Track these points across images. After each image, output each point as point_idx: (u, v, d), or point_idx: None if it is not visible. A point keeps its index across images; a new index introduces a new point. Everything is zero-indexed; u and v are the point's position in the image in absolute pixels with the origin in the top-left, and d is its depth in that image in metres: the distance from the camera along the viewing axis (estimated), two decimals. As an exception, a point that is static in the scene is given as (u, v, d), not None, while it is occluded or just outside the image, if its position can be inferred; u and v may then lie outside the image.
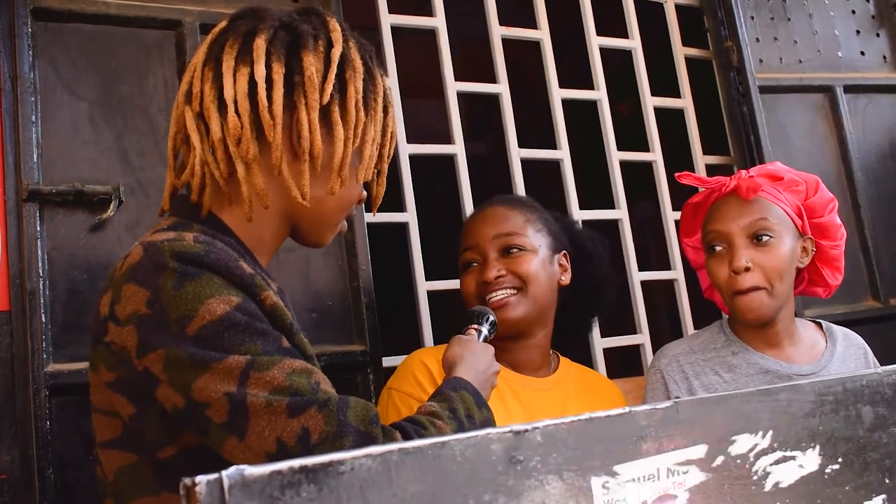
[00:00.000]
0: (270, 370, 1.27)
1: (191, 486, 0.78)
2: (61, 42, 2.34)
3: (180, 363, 1.27)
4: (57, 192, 2.22)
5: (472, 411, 1.50)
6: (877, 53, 3.73)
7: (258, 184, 1.46)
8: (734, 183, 2.15)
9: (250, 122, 1.45)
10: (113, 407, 1.37)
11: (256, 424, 1.24)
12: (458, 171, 3.00)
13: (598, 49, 3.40)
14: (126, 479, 1.36)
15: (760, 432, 1.09)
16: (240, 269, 1.35)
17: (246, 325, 1.30)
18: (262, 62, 1.46)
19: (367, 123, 1.53)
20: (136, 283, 1.32)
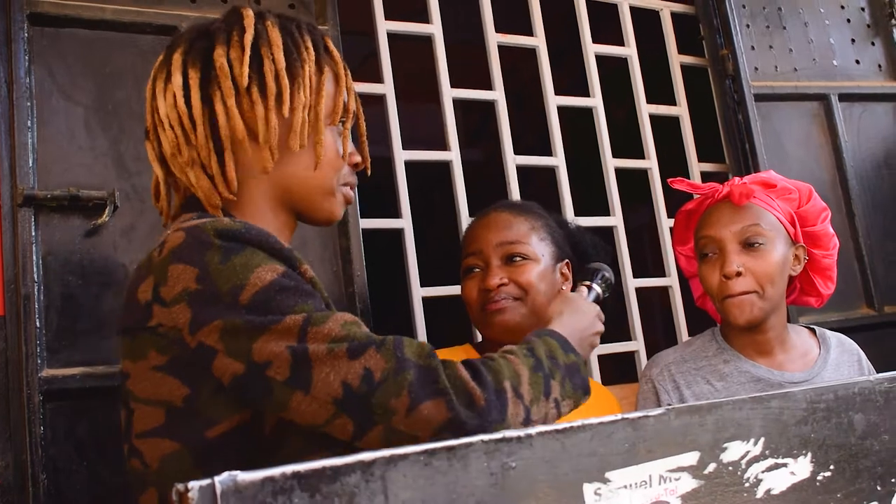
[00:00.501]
0: (326, 323, 1.31)
1: (183, 492, 0.78)
2: (57, 47, 2.34)
3: (237, 331, 1.30)
4: (52, 197, 2.22)
5: (556, 353, 1.48)
6: (872, 62, 3.74)
7: (205, 187, 1.52)
8: (727, 189, 2.15)
9: (181, 132, 1.53)
10: (159, 394, 1.38)
11: (320, 372, 1.28)
12: (453, 178, 3.00)
13: (594, 56, 3.41)
14: (168, 468, 1.37)
15: (752, 439, 1.10)
16: (279, 244, 1.40)
17: (295, 287, 1.35)
18: (178, 72, 1.55)
19: (294, 91, 1.56)
20: (182, 263, 1.35)
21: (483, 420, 1.28)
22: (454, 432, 1.24)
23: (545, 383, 1.41)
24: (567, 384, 1.45)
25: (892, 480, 1.22)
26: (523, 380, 1.38)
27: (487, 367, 1.37)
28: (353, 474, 0.84)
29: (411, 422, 1.25)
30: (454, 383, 1.29)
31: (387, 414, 1.26)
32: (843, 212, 3.48)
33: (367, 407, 1.26)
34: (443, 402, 1.27)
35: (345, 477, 0.83)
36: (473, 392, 1.29)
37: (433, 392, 1.27)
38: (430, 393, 1.27)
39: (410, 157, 2.92)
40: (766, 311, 2.10)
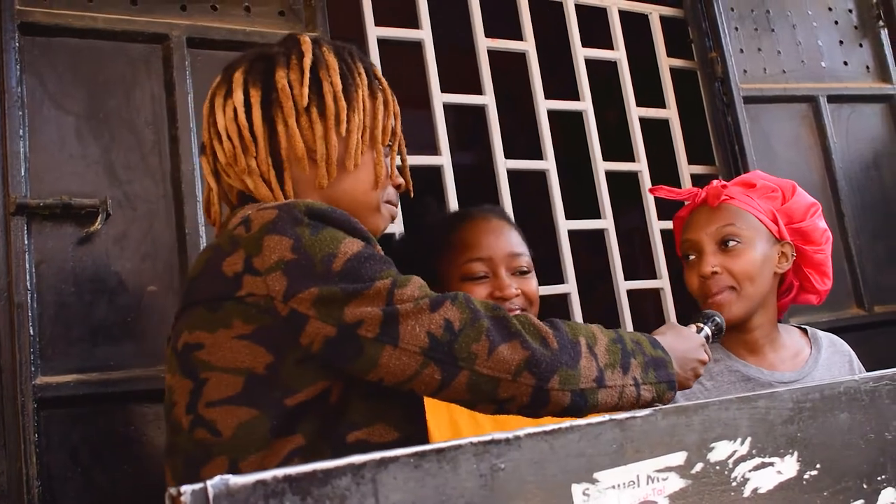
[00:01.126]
0: (408, 286, 1.41)
1: (176, 496, 0.79)
2: (49, 56, 2.35)
3: (332, 297, 1.38)
4: (44, 206, 2.22)
5: (643, 343, 1.54)
6: (860, 63, 3.76)
7: (263, 194, 1.62)
8: (704, 193, 2.18)
9: (240, 143, 1.64)
10: (239, 362, 1.44)
11: (407, 325, 1.37)
12: (444, 182, 3.01)
13: (584, 60, 3.42)
14: (244, 434, 1.42)
15: (739, 439, 1.11)
16: (359, 225, 1.51)
17: (379, 256, 1.46)
18: (239, 90, 1.65)
19: (349, 113, 1.66)
20: (277, 234, 1.43)
21: (557, 359, 1.39)
22: (534, 372, 1.36)
23: (623, 357, 1.48)
24: (651, 372, 1.50)
25: (877, 479, 1.23)
26: (600, 343, 1.47)
27: (563, 322, 1.48)
28: (344, 477, 0.85)
29: (493, 364, 1.35)
30: (527, 327, 1.40)
31: (470, 358, 1.36)
32: (833, 212, 3.50)
33: (452, 353, 1.36)
34: (518, 342, 1.37)
35: (336, 480, 0.84)
36: (546, 334, 1.41)
37: (509, 335, 1.38)
38: (506, 336, 1.37)
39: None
40: (746, 310, 2.12)
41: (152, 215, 2.37)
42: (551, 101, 3.31)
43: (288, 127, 1.63)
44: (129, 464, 2.22)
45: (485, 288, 2.08)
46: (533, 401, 1.38)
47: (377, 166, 1.69)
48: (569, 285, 3.18)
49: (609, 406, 1.43)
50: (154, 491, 1.68)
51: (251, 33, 2.58)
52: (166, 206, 2.39)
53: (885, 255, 3.56)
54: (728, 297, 2.10)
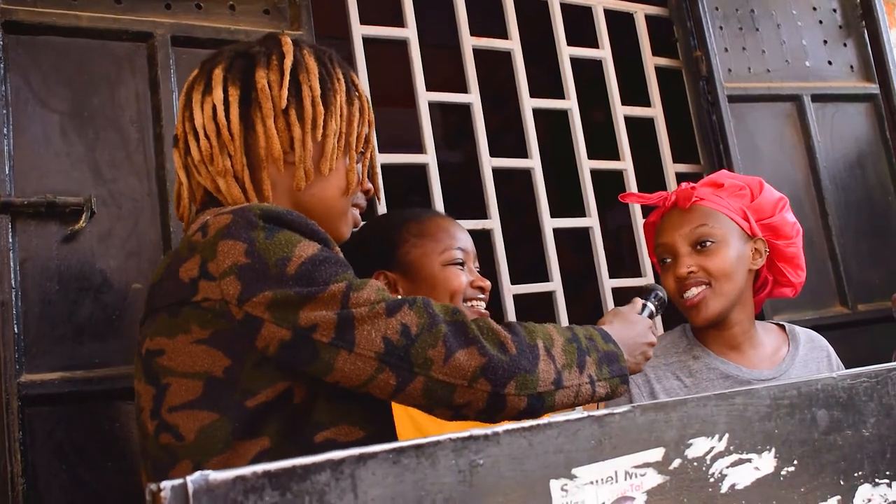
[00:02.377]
0: (364, 289, 1.41)
1: (156, 492, 0.80)
2: (33, 55, 2.34)
3: (286, 301, 1.38)
4: (29, 204, 2.22)
5: (596, 339, 1.55)
6: (844, 63, 3.78)
7: (235, 195, 1.63)
8: (674, 196, 2.20)
9: (217, 142, 1.64)
10: (198, 366, 1.44)
11: (363, 330, 1.37)
12: (430, 181, 3.02)
13: (569, 59, 3.43)
14: (206, 438, 1.42)
15: (717, 435, 1.12)
16: (317, 227, 1.51)
17: (335, 259, 1.46)
18: (219, 87, 1.66)
19: (327, 118, 1.67)
20: (231, 239, 1.43)
21: (515, 364, 1.39)
22: (490, 378, 1.37)
23: (579, 356, 1.49)
24: (605, 367, 1.52)
25: (854, 475, 1.25)
26: (556, 344, 1.47)
27: (520, 324, 1.48)
28: (323, 473, 0.85)
29: (449, 370, 1.36)
30: (485, 333, 1.41)
31: (426, 364, 1.36)
32: (817, 211, 3.52)
33: (408, 358, 1.36)
34: (475, 348, 1.37)
35: (315, 475, 0.85)
36: (505, 339, 1.41)
37: (466, 341, 1.38)
38: (464, 342, 1.38)
39: (387, 161, 2.94)
40: (723, 307, 2.13)
41: (137, 213, 2.36)
42: (536, 100, 3.32)
43: (266, 127, 1.64)
44: (113, 461, 2.22)
45: (465, 275, 2.11)
46: (489, 406, 1.39)
47: (349, 172, 1.71)
48: (554, 283, 3.19)
49: (565, 405, 1.46)
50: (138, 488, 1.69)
51: (236, 32, 2.58)
52: (151, 204, 2.39)
53: (868, 254, 3.58)
54: (704, 294, 2.12)
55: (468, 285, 2.11)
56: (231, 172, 1.64)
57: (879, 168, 3.72)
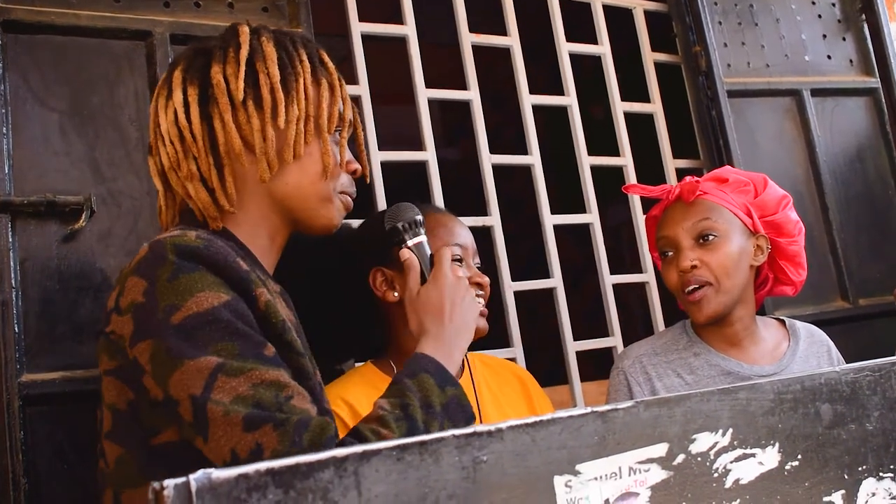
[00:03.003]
0: (238, 377, 1.31)
1: (159, 490, 0.79)
2: (31, 54, 2.34)
3: (161, 356, 1.33)
4: (28, 203, 2.21)
5: (432, 398, 1.45)
6: (843, 57, 3.78)
7: (203, 199, 1.59)
8: (678, 189, 2.19)
9: (181, 147, 1.61)
10: (109, 397, 1.43)
11: (215, 432, 1.29)
12: (429, 178, 3.01)
13: (568, 55, 3.43)
14: (121, 469, 1.41)
15: (720, 430, 1.11)
16: (236, 265, 1.43)
17: (228, 323, 1.36)
18: (178, 90, 1.62)
19: (288, 104, 1.61)
20: (138, 275, 1.40)
21: None
22: None
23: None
24: (447, 425, 1.45)
25: (858, 469, 1.24)
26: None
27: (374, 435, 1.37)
28: (327, 470, 0.85)
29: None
30: None
31: None
32: (817, 206, 3.52)
33: None
34: None
35: (318, 473, 0.84)
36: None
37: None
38: None
39: (386, 158, 2.94)
40: (725, 305, 2.12)
41: (137, 212, 2.36)
42: (536, 97, 3.31)
43: (224, 123, 1.59)
44: (115, 461, 2.22)
45: (463, 272, 2.07)
46: None
47: (325, 155, 1.64)
48: (555, 280, 3.18)
49: None
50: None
51: (235, 30, 2.57)
52: (151, 202, 2.37)
53: (869, 248, 3.58)
54: (705, 293, 2.11)
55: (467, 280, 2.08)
56: (197, 176, 1.60)
57: (879, 162, 3.71)
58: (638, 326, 4.62)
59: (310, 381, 1.49)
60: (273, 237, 1.66)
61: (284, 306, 1.59)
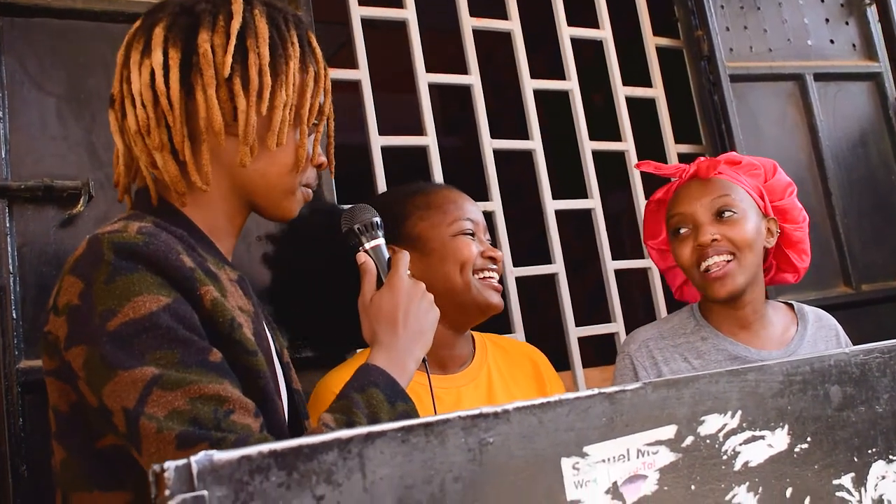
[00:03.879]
0: (174, 391, 1.23)
1: (160, 472, 0.78)
2: (28, 37, 2.32)
3: (95, 363, 1.25)
4: (26, 188, 2.20)
5: (380, 414, 1.38)
6: (846, 41, 3.76)
7: (171, 172, 1.47)
8: (694, 167, 2.17)
9: (154, 112, 1.46)
10: (52, 399, 1.37)
11: (148, 448, 1.21)
12: (430, 163, 3.00)
13: (570, 39, 3.41)
14: (66, 472, 1.36)
15: (729, 412, 1.10)
16: (179, 262, 1.34)
17: (168, 329, 1.28)
18: (159, 50, 1.47)
19: (275, 88, 1.50)
20: (74, 275, 1.32)
21: None
22: None
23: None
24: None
25: (868, 452, 1.23)
26: None
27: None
28: (331, 452, 0.83)
29: None
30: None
31: None
32: (820, 191, 3.50)
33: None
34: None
35: (322, 455, 0.83)
36: None
37: None
38: None
39: (387, 143, 2.92)
40: (745, 280, 2.10)
41: (135, 197, 2.34)
42: (537, 81, 3.29)
43: (207, 97, 1.46)
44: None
45: (476, 245, 2.05)
46: None
47: (299, 148, 1.54)
48: (556, 265, 3.17)
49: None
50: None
51: (234, 13, 2.55)
52: (149, 187, 2.36)
53: (872, 233, 3.57)
54: (729, 268, 2.08)
55: (479, 255, 2.04)
56: (168, 147, 1.47)
57: (882, 147, 3.70)
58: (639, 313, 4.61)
59: (260, 381, 1.39)
60: (232, 219, 1.56)
61: (241, 295, 1.49)
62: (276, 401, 1.43)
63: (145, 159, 1.48)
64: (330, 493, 0.82)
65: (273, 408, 1.41)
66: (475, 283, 2.03)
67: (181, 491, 0.77)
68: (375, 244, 1.66)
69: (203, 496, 0.78)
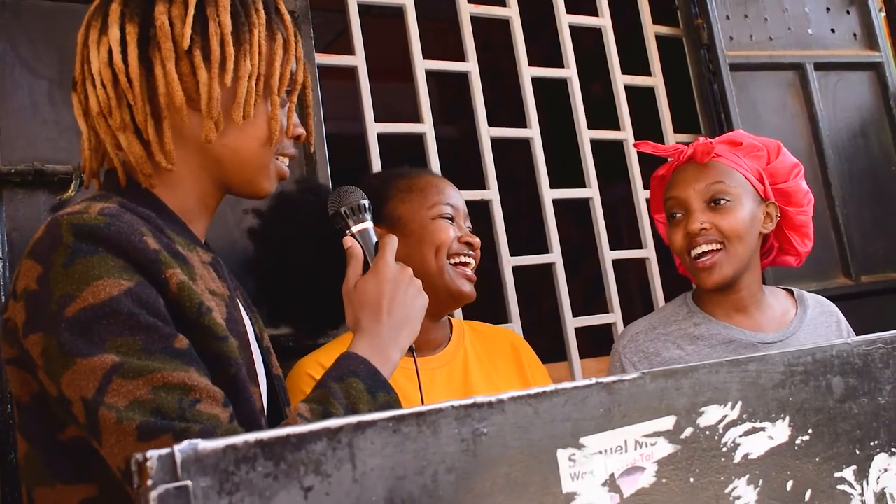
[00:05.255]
0: (136, 379, 1.18)
1: (142, 462, 0.75)
2: (20, 20, 2.29)
3: (53, 351, 1.21)
4: (16, 172, 2.18)
5: (359, 405, 1.32)
6: (847, 31, 3.74)
7: (136, 153, 1.41)
8: (691, 150, 2.14)
9: (114, 92, 1.40)
10: (14, 389, 1.32)
11: (108, 440, 1.17)
12: (427, 151, 2.97)
13: (569, 27, 3.38)
14: (28, 465, 1.31)
15: (729, 403, 1.08)
16: (142, 244, 1.28)
17: (129, 315, 1.22)
18: (115, 26, 1.40)
19: (239, 58, 1.43)
20: (33, 259, 1.27)
21: None
22: None
23: None
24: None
25: (870, 444, 1.21)
26: None
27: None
28: (319, 442, 0.81)
29: None
30: None
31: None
32: (820, 181, 3.49)
33: None
34: None
35: (310, 444, 0.81)
36: None
37: None
38: None
39: (383, 130, 2.89)
40: (735, 270, 2.08)
41: (128, 183, 2.32)
42: (535, 69, 3.27)
43: (166, 71, 1.39)
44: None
45: (454, 230, 2.04)
46: None
47: (271, 120, 1.47)
48: (554, 255, 3.15)
49: None
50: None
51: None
52: (142, 173, 2.34)
53: (871, 224, 3.56)
54: (716, 258, 2.06)
55: (455, 240, 2.03)
56: (131, 127, 1.40)
57: (883, 137, 3.69)
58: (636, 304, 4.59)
59: (231, 369, 1.34)
60: (203, 200, 1.49)
61: (214, 278, 1.44)
62: (249, 389, 1.37)
63: (110, 141, 1.42)
64: (318, 483, 0.80)
65: (244, 397, 1.35)
66: (448, 268, 2.02)
67: (164, 481, 0.75)
68: (362, 227, 1.61)
69: (187, 486, 0.75)
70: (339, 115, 3.48)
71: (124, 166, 1.45)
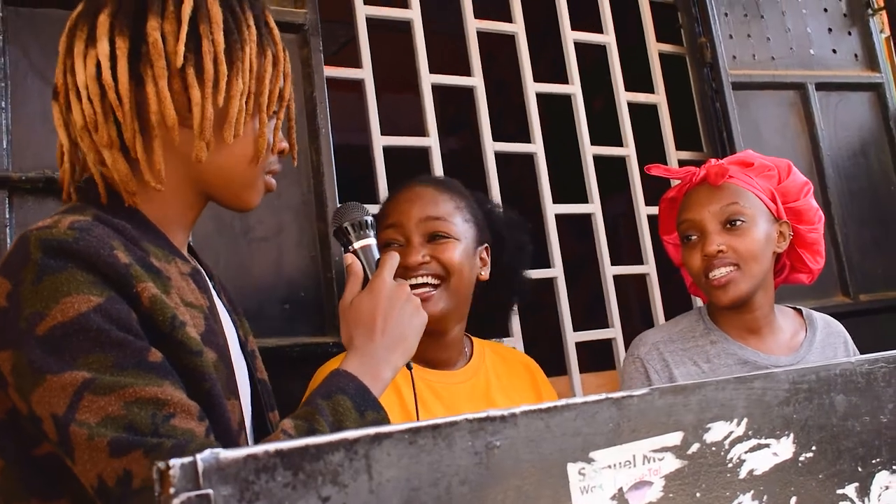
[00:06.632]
0: (108, 395, 1.16)
1: (164, 470, 0.77)
2: (32, 27, 2.31)
3: (23, 369, 1.19)
4: (27, 180, 2.19)
5: (346, 423, 1.31)
6: (848, 52, 3.76)
7: (121, 171, 1.38)
8: (703, 171, 2.15)
9: (101, 107, 1.36)
10: None
11: (80, 456, 1.15)
12: (432, 164, 2.99)
13: (573, 43, 3.41)
14: (5, 483, 1.29)
15: (735, 420, 1.09)
16: (112, 258, 1.25)
17: (99, 331, 1.20)
18: (104, 39, 1.36)
19: (231, 77, 1.40)
20: (3, 275, 1.25)
21: None
22: None
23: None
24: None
25: (872, 462, 1.22)
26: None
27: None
28: (337, 452, 0.83)
29: None
30: None
31: None
32: (820, 200, 3.50)
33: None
34: None
35: (328, 455, 0.82)
36: None
37: None
38: None
39: (389, 143, 2.91)
40: (750, 290, 2.09)
41: (136, 192, 2.33)
42: (540, 84, 3.29)
43: (158, 89, 1.35)
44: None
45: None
46: None
47: (259, 138, 1.44)
48: (555, 269, 3.16)
49: None
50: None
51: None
52: (151, 182, 2.35)
53: (871, 243, 3.57)
54: (732, 276, 2.08)
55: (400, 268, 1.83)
56: (117, 144, 1.36)
57: (882, 157, 3.71)
58: (635, 320, 4.60)
59: (205, 384, 1.30)
60: (185, 213, 1.47)
61: (193, 289, 1.40)
62: (223, 405, 1.34)
63: (93, 157, 1.38)
64: (336, 494, 0.82)
65: (219, 412, 1.32)
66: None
67: (186, 489, 0.76)
68: (365, 244, 1.60)
69: (208, 494, 0.77)
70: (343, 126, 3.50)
71: (105, 180, 1.41)
